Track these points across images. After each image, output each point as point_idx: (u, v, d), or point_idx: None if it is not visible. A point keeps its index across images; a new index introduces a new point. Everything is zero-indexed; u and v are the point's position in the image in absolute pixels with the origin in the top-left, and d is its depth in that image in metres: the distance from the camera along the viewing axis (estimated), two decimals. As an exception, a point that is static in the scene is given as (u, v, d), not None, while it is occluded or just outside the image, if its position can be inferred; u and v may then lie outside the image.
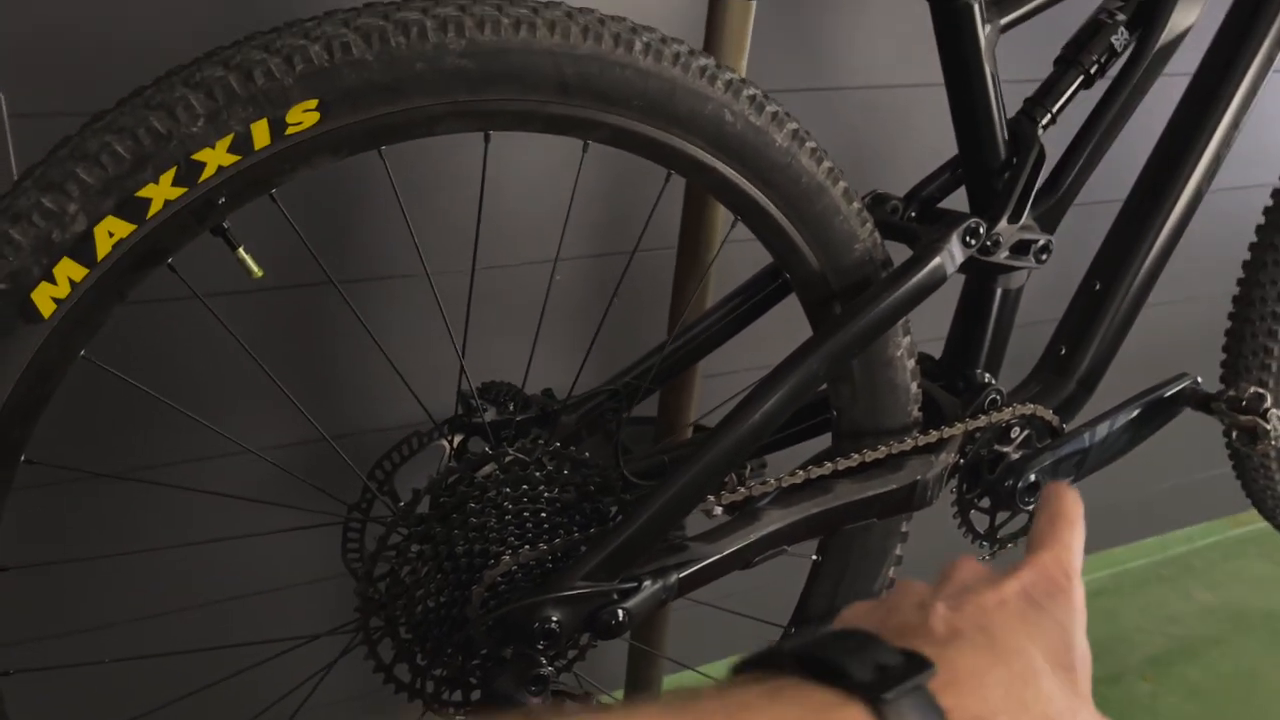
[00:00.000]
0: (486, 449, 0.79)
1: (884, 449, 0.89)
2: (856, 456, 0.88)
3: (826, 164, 0.80)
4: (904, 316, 0.85)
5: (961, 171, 0.93)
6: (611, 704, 0.39)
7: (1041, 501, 0.53)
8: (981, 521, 1.02)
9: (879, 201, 0.95)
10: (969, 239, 0.86)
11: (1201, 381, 1.06)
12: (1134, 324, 1.05)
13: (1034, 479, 0.98)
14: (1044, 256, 0.92)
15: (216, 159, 0.61)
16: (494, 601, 0.78)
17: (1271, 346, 1.19)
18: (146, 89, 0.62)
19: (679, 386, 1.06)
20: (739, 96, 0.75)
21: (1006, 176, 0.90)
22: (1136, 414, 1.03)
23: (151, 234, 0.61)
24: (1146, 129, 1.02)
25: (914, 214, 0.95)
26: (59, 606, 1.05)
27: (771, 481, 0.86)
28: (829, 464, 0.87)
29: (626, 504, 0.81)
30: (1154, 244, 1.02)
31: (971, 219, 0.86)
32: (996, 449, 0.98)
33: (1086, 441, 1.00)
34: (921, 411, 0.93)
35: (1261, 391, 1.01)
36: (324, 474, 1.00)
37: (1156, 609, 1.82)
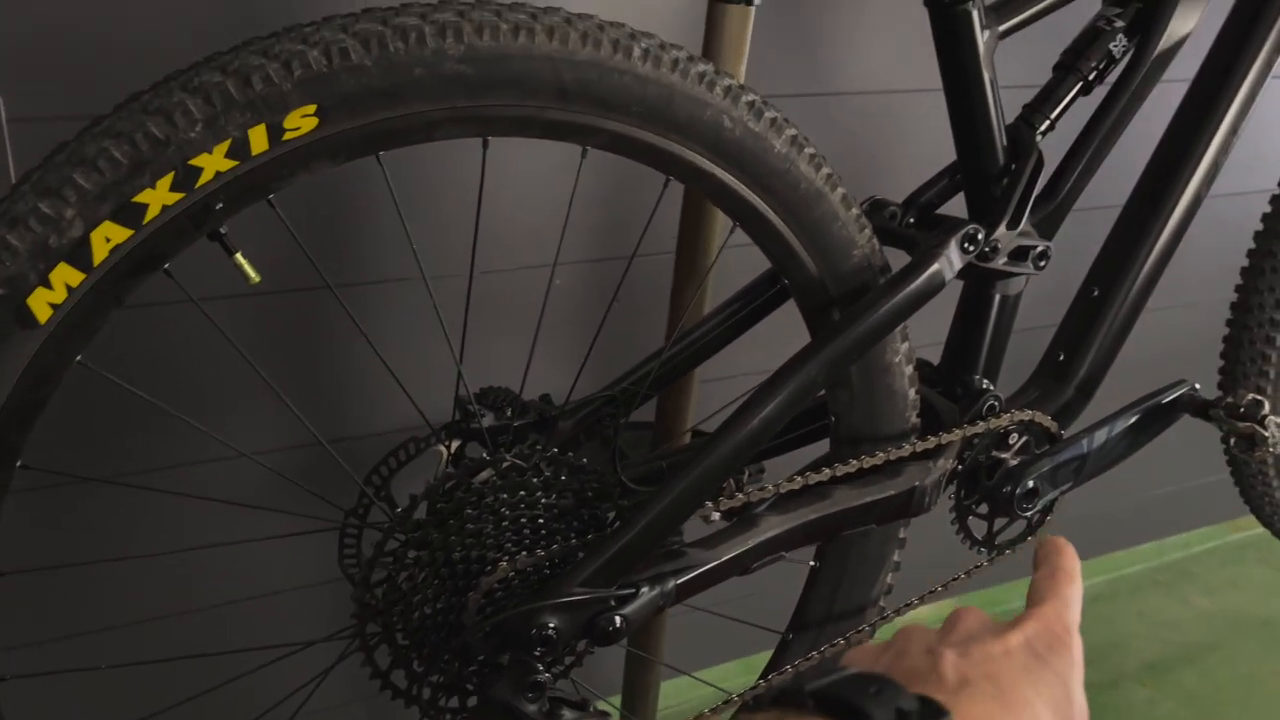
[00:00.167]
0: (484, 454, 0.79)
1: (882, 455, 0.89)
2: (854, 462, 0.88)
3: (825, 170, 0.80)
4: (902, 322, 0.85)
5: (960, 177, 0.93)
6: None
7: (1040, 555, 0.54)
8: (979, 528, 1.01)
9: (877, 207, 0.95)
10: (967, 245, 0.86)
11: (1200, 388, 1.06)
12: (1132, 330, 1.05)
13: (1032, 485, 0.98)
14: (1042, 263, 0.92)
15: (214, 164, 0.61)
16: (491, 608, 0.78)
17: (1270, 353, 1.19)
18: (144, 94, 0.61)
19: (677, 392, 1.06)
20: (738, 102, 0.75)
21: (1005, 183, 0.90)
22: (1135, 420, 1.03)
23: (148, 239, 0.61)
24: (1145, 135, 1.02)
25: (912, 220, 0.95)
26: (55, 611, 1.04)
27: (769, 487, 0.86)
28: (827, 470, 0.87)
29: (624, 510, 0.81)
30: (1152, 250, 1.02)
31: (970, 225, 0.86)
32: (995, 455, 0.98)
33: (1085, 447, 1.00)
34: (920, 417, 0.93)
35: (1259, 398, 1.01)
36: (321, 479, 1.00)
37: (1154, 615, 1.82)
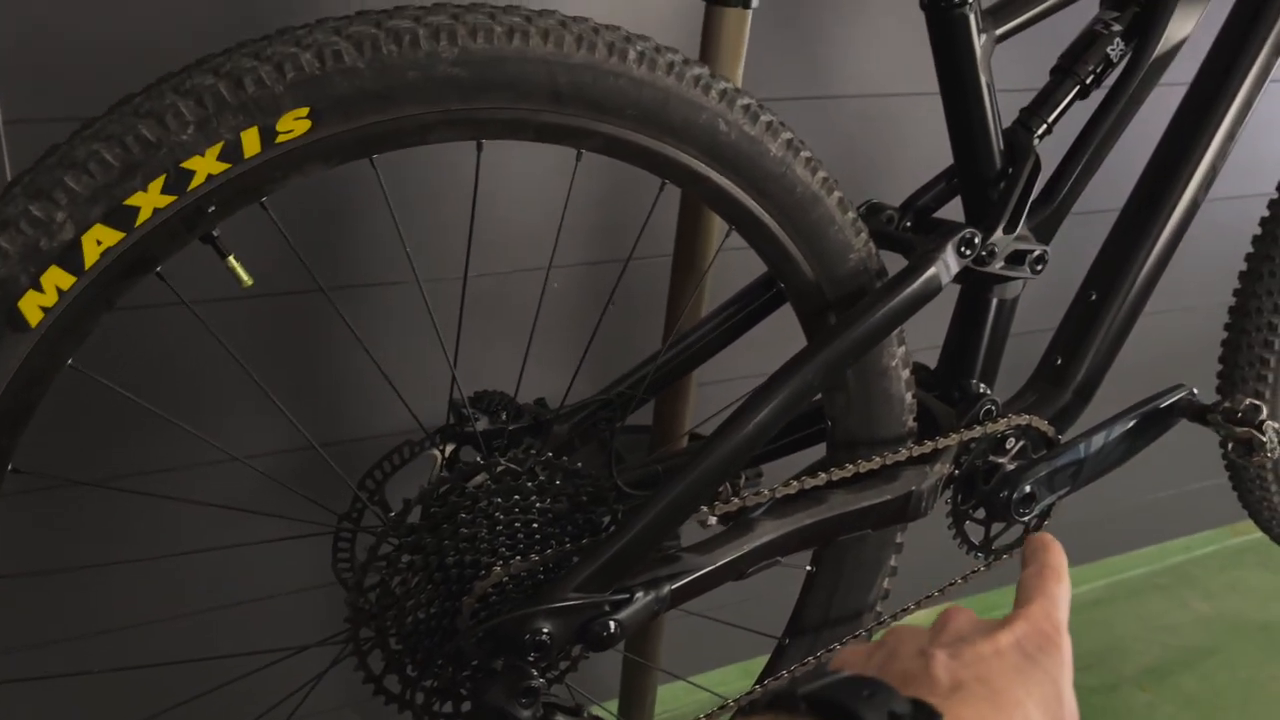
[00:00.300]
0: (478, 458, 0.78)
1: (878, 459, 0.89)
2: (851, 467, 0.88)
3: (821, 174, 0.80)
4: (899, 327, 0.85)
5: (957, 181, 0.93)
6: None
7: (1028, 553, 0.54)
8: (976, 533, 1.01)
9: (874, 211, 0.95)
10: (964, 249, 0.86)
11: (1198, 393, 1.06)
12: (1130, 334, 1.04)
13: (1029, 490, 0.97)
14: (1039, 267, 0.92)
15: (206, 167, 0.61)
16: (485, 613, 0.78)
17: (1268, 358, 1.19)
18: (136, 96, 0.61)
19: (674, 395, 1.06)
20: (733, 106, 0.75)
21: (1002, 187, 0.89)
22: (1132, 425, 1.02)
23: (140, 242, 0.61)
24: (1143, 138, 1.02)
25: (909, 224, 0.94)
26: (48, 615, 1.04)
27: (765, 492, 0.86)
28: (823, 474, 0.87)
29: (619, 514, 0.81)
30: (1150, 254, 1.02)
31: (967, 229, 0.86)
32: (992, 460, 0.98)
33: (1082, 452, 1.00)
34: (916, 422, 0.93)
35: (1257, 403, 1.01)
36: (315, 483, 1.00)
37: (1154, 618, 1.81)
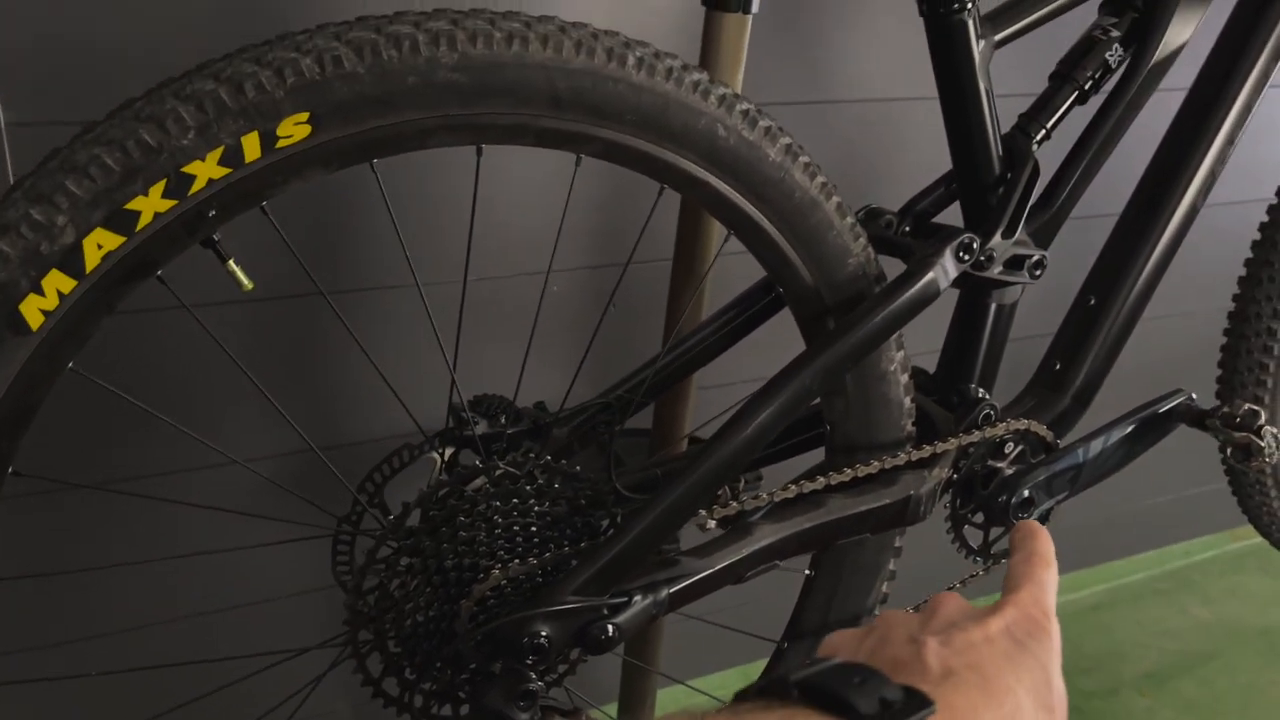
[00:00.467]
0: (477, 462, 0.79)
1: (877, 464, 0.89)
2: (849, 471, 0.88)
3: (820, 179, 0.80)
4: (897, 331, 0.85)
5: (956, 186, 0.93)
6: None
7: (1015, 541, 0.54)
8: (975, 537, 1.01)
9: (873, 216, 0.95)
10: (963, 254, 0.86)
11: (1196, 397, 1.06)
12: (1129, 339, 1.05)
13: (1028, 494, 0.97)
14: (1038, 272, 0.92)
15: (207, 171, 0.61)
16: (483, 616, 0.78)
17: (1267, 363, 1.19)
18: (136, 101, 0.61)
19: (673, 399, 1.06)
20: (732, 111, 0.75)
21: (1001, 192, 0.90)
22: (1131, 430, 1.02)
23: (141, 246, 0.61)
24: (1143, 143, 1.02)
25: (908, 229, 0.95)
26: (47, 618, 1.04)
27: (764, 496, 0.86)
28: (822, 478, 0.87)
29: (618, 518, 0.81)
30: (1149, 259, 1.02)
31: (965, 234, 0.86)
32: (990, 464, 0.98)
33: (1080, 457, 1.00)
34: (915, 426, 0.93)
35: (1256, 408, 1.01)
36: (314, 486, 1.00)
37: (1153, 623, 1.81)
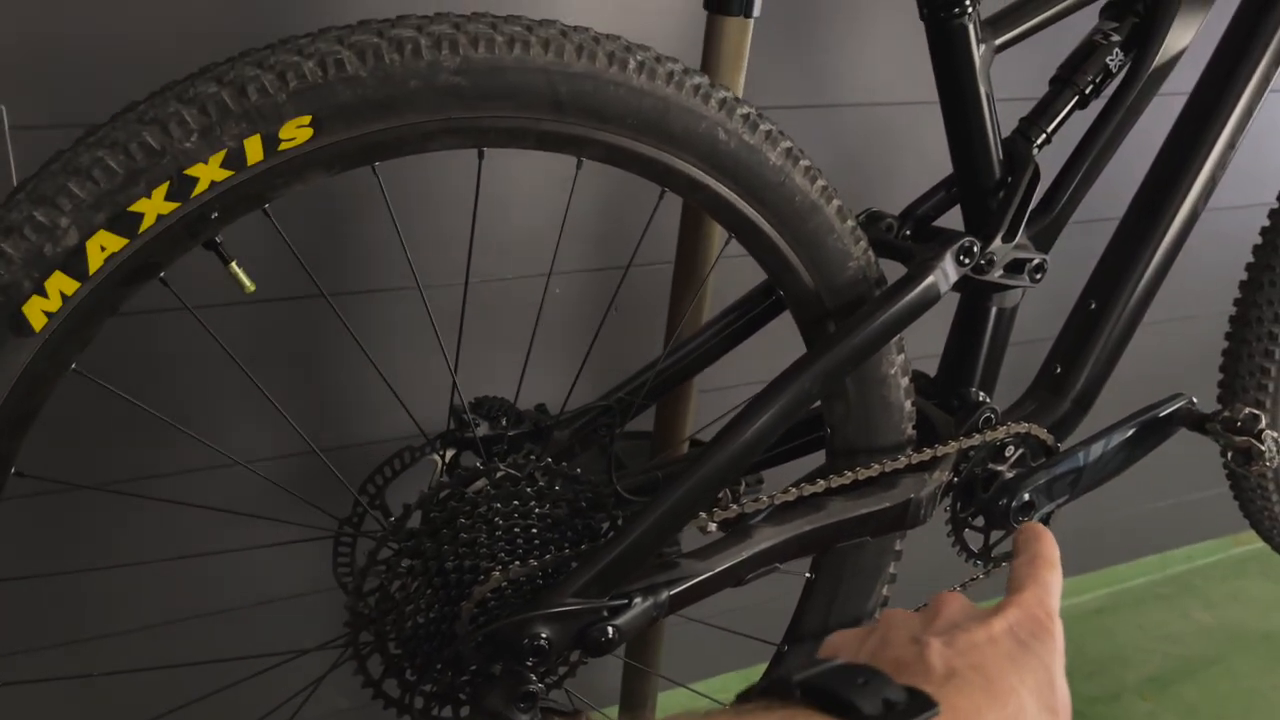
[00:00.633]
0: (478, 464, 0.79)
1: (877, 467, 0.89)
2: (850, 474, 0.88)
3: (820, 182, 0.81)
4: (897, 334, 0.85)
5: (956, 190, 0.94)
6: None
7: (1019, 543, 0.54)
8: (975, 540, 1.01)
9: (874, 219, 0.95)
10: (963, 258, 0.86)
11: (1197, 401, 1.06)
12: (1130, 343, 1.05)
13: (1028, 498, 0.97)
14: (1039, 275, 0.92)
15: (209, 174, 0.62)
16: (483, 617, 0.78)
17: (1269, 367, 1.19)
18: (140, 104, 0.62)
19: (674, 402, 1.06)
20: (733, 115, 0.75)
21: (1001, 196, 0.90)
22: (1131, 434, 1.02)
23: (143, 248, 0.61)
24: (1144, 147, 1.02)
25: (909, 232, 0.95)
26: (48, 618, 1.05)
27: (764, 499, 0.86)
28: (822, 481, 0.87)
29: (618, 520, 0.81)
30: (1150, 263, 1.02)
31: (966, 238, 0.87)
32: (991, 467, 0.98)
33: (1081, 461, 1.00)
34: (915, 429, 0.93)
35: (1256, 412, 1.01)
36: (316, 488, 1.00)
37: (1155, 628, 1.81)
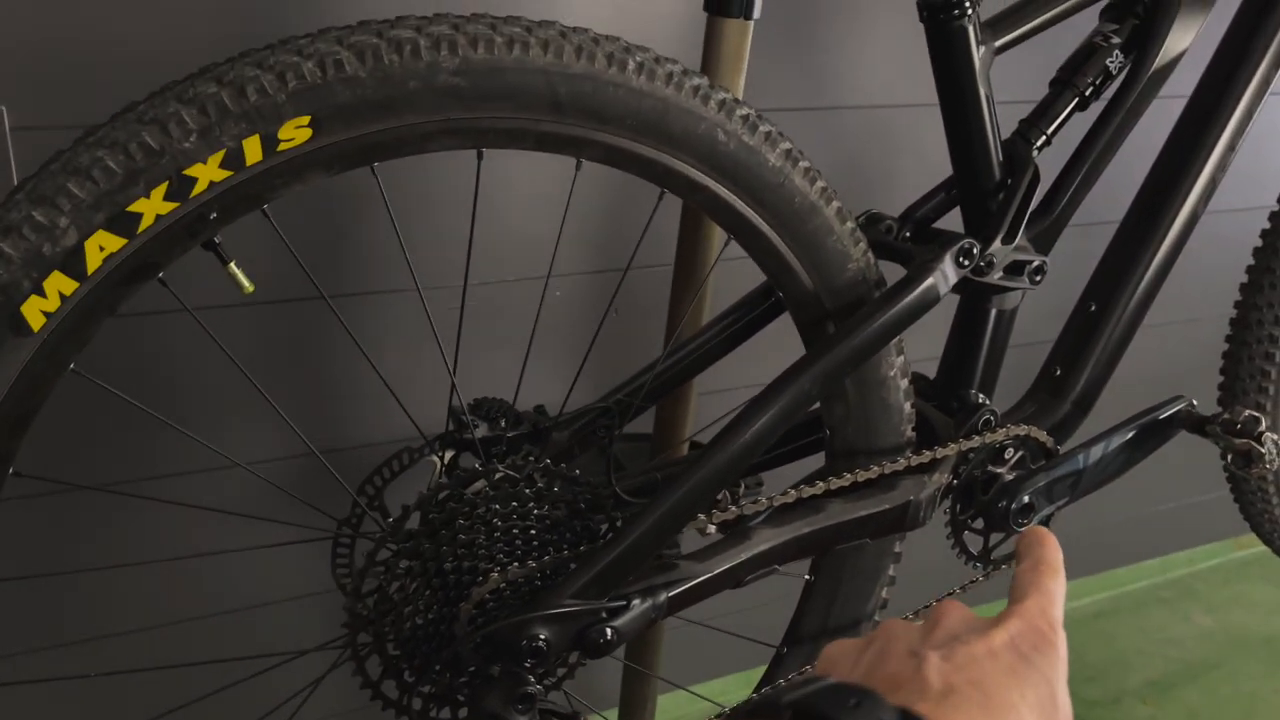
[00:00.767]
0: (477, 465, 0.79)
1: (876, 469, 0.89)
2: (849, 476, 0.88)
3: (820, 184, 0.81)
4: (897, 336, 0.85)
5: (956, 192, 0.94)
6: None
7: (1022, 548, 0.52)
8: (975, 543, 1.01)
9: (873, 221, 0.95)
10: (962, 259, 0.86)
11: (1197, 404, 1.06)
12: (1130, 345, 1.05)
13: (1028, 500, 0.97)
14: (1038, 278, 0.92)
15: (208, 174, 0.62)
16: (482, 619, 0.78)
17: (1269, 369, 1.19)
18: (139, 104, 0.62)
19: (674, 403, 1.06)
20: (732, 116, 0.75)
21: (1001, 198, 0.90)
22: (1131, 436, 1.02)
23: (142, 248, 0.61)
24: (1144, 150, 1.02)
25: (908, 234, 0.95)
26: (45, 619, 1.05)
27: (763, 500, 0.86)
28: (821, 483, 0.87)
29: (617, 522, 0.81)
30: (1150, 265, 1.02)
31: (965, 239, 0.87)
32: (990, 470, 0.98)
33: (1081, 463, 1.00)
34: (915, 431, 0.93)
35: (1256, 415, 1.00)
36: (316, 489, 1.00)
37: (1156, 632, 1.81)
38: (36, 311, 0.60)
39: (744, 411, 0.80)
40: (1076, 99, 0.92)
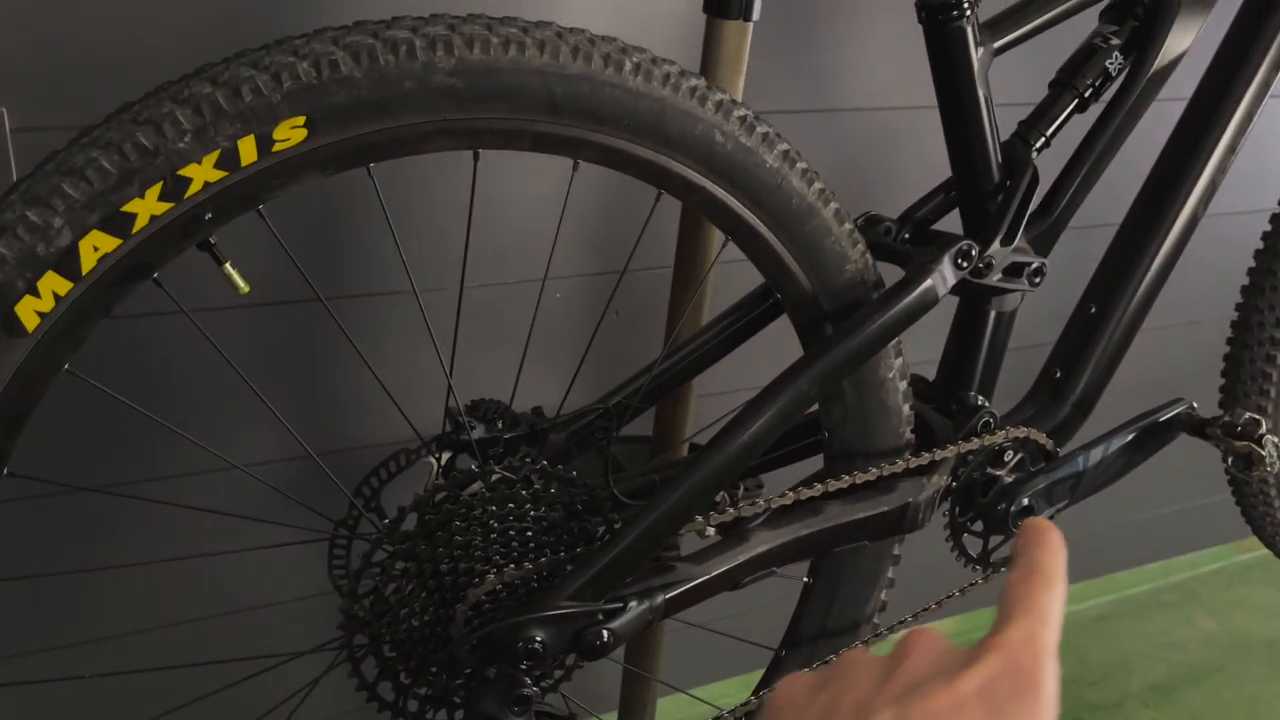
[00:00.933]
0: (474, 466, 0.79)
1: (875, 471, 0.89)
2: (847, 478, 0.88)
3: (818, 185, 0.80)
4: (895, 338, 0.85)
5: (955, 194, 0.93)
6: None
7: (1017, 548, 0.45)
8: (974, 545, 1.01)
9: (872, 223, 0.95)
10: (961, 261, 0.86)
11: (1197, 406, 1.05)
12: (1130, 348, 1.04)
13: (1027, 502, 0.97)
14: (1037, 279, 0.92)
15: (203, 175, 0.62)
16: (478, 620, 0.78)
17: (1270, 372, 1.18)
18: (134, 104, 0.62)
19: (674, 404, 1.06)
20: (729, 117, 0.75)
21: (1000, 199, 0.89)
22: (1131, 438, 1.02)
23: (137, 249, 0.61)
24: (1144, 152, 1.02)
25: (907, 236, 0.94)
26: (41, 620, 1.04)
27: (761, 502, 0.86)
28: (819, 485, 0.87)
29: (614, 523, 0.81)
30: (1150, 267, 1.01)
31: (964, 241, 0.86)
32: (989, 472, 0.98)
33: (1080, 465, 0.99)
34: (914, 434, 0.92)
35: (1257, 417, 1.00)
36: (313, 491, 1.00)
37: (1159, 635, 1.80)
38: (31, 312, 0.60)
39: (741, 413, 0.80)
40: (1076, 100, 0.92)
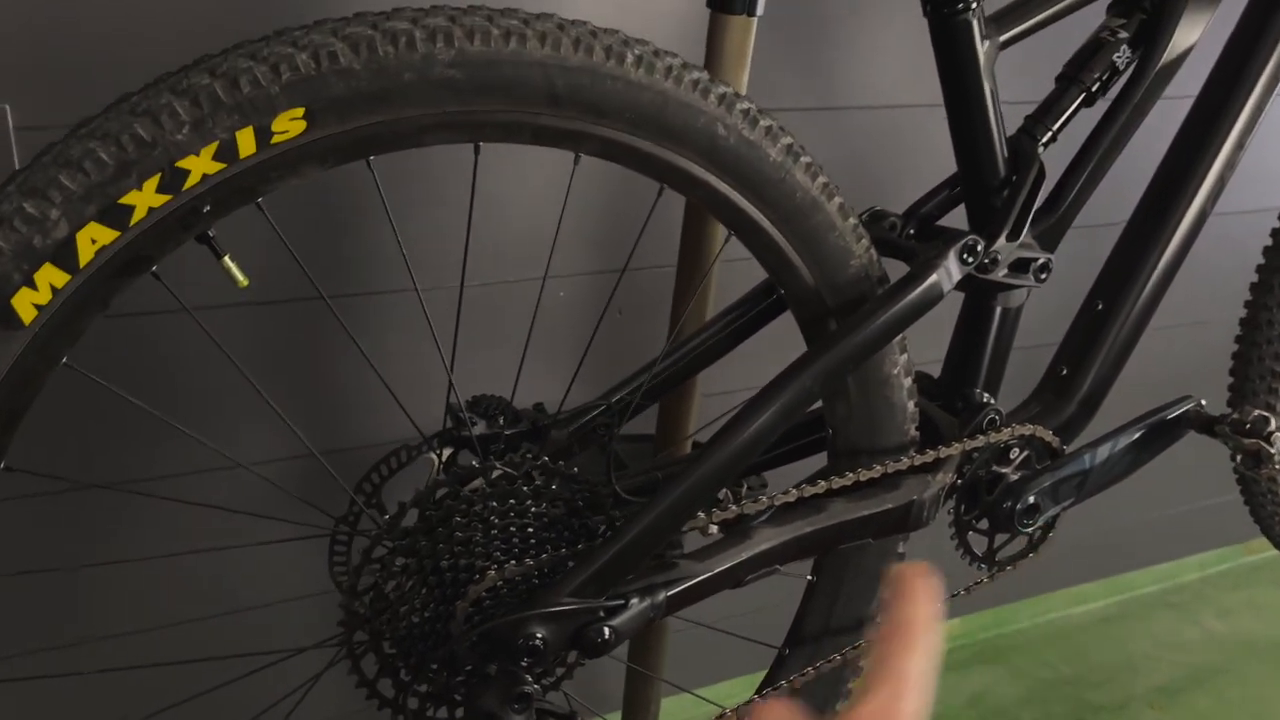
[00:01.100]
0: (474, 463, 0.78)
1: (879, 468, 0.88)
2: (851, 475, 0.87)
3: (821, 179, 0.80)
4: (900, 334, 0.84)
5: (961, 189, 0.93)
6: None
7: (883, 601, 0.42)
8: (980, 543, 1.00)
9: (877, 218, 0.95)
10: (966, 256, 0.85)
11: (1205, 404, 1.04)
12: (1138, 348, 1.03)
13: (1033, 500, 0.96)
14: (1043, 275, 0.91)
15: (201, 167, 0.61)
16: (479, 617, 0.77)
17: (1279, 369, 1.18)
18: (132, 96, 0.61)
19: (678, 400, 1.05)
20: (732, 110, 0.74)
21: (1006, 194, 0.89)
22: (1139, 436, 1.01)
23: (135, 241, 0.61)
24: (1152, 148, 1.01)
25: (912, 231, 0.94)
26: (39, 618, 1.04)
27: (764, 499, 0.85)
28: (823, 482, 0.86)
29: (615, 520, 0.81)
30: (1157, 264, 1.01)
31: (969, 236, 0.85)
32: (995, 470, 0.97)
33: (1087, 463, 0.99)
34: (919, 431, 0.92)
35: (1266, 415, 0.99)
36: (315, 487, 1.00)
37: (1166, 636, 1.79)
38: (27, 304, 0.59)
39: (744, 409, 0.79)
40: (1083, 95, 0.91)
